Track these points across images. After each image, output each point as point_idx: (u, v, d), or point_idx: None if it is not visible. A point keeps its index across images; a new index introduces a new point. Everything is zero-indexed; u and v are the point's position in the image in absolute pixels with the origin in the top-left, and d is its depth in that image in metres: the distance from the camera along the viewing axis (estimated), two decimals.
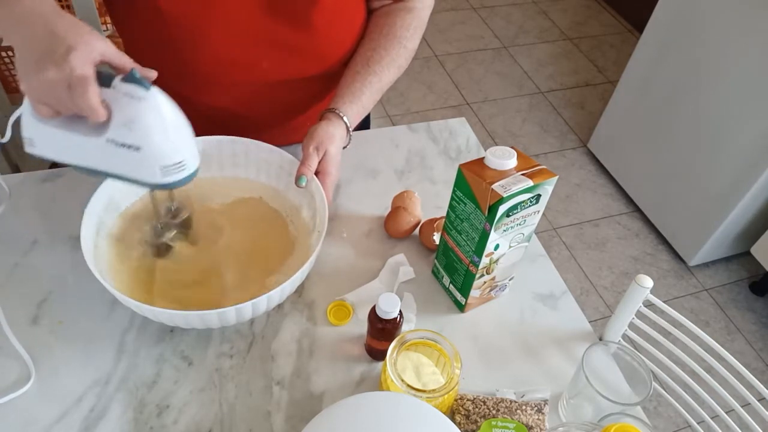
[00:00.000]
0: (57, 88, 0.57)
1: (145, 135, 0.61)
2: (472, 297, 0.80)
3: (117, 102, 0.59)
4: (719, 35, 1.76)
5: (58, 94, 0.58)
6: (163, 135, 0.62)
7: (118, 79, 0.59)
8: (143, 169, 0.63)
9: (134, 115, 0.60)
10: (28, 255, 0.83)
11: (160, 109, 0.61)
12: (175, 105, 0.63)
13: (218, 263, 0.80)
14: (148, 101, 0.59)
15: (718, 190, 1.86)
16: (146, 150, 0.61)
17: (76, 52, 0.57)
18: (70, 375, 0.72)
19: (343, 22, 0.87)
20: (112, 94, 0.59)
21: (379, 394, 0.64)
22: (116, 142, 0.61)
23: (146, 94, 0.59)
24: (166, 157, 0.63)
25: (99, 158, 0.64)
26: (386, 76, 0.88)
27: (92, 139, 0.62)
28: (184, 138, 0.65)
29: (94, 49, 0.58)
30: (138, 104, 0.59)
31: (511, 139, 2.46)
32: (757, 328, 1.94)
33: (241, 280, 0.78)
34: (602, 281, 2.01)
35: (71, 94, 0.57)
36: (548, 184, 0.70)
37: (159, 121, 0.61)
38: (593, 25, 3.10)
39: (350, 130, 0.84)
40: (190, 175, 0.66)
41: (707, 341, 0.80)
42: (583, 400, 0.71)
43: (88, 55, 0.57)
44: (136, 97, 0.59)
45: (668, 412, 1.69)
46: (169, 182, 0.64)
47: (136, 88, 0.59)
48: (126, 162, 0.62)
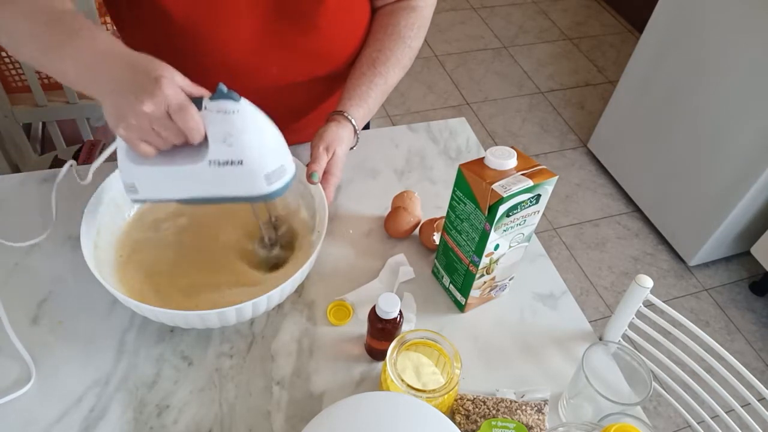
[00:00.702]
0: (156, 119, 0.57)
1: (245, 146, 0.61)
2: (472, 297, 0.80)
3: (211, 121, 0.59)
4: (719, 35, 1.76)
5: (157, 126, 0.58)
6: (261, 143, 0.62)
7: (207, 98, 0.59)
8: (249, 182, 0.63)
9: (230, 129, 0.59)
10: (28, 255, 0.83)
11: (253, 118, 0.61)
12: (263, 113, 0.63)
13: (218, 263, 0.80)
14: (240, 113, 0.59)
15: (718, 190, 1.86)
16: (249, 161, 0.61)
17: (166, 80, 0.57)
18: (70, 375, 0.72)
19: (349, 22, 0.87)
20: (205, 114, 0.59)
21: (379, 394, 0.64)
22: (219, 162, 0.61)
23: (237, 106, 0.59)
24: (268, 164, 0.62)
25: (204, 185, 0.63)
26: (392, 77, 0.88)
27: (195, 167, 0.62)
28: (279, 142, 0.65)
29: (176, 77, 0.59)
30: (232, 117, 0.59)
31: (511, 139, 2.46)
32: (757, 328, 1.94)
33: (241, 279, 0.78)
34: (602, 281, 2.01)
35: (172, 122, 0.57)
36: (548, 184, 0.70)
37: (255, 129, 0.61)
38: (593, 25, 3.10)
39: (357, 132, 0.85)
40: (291, 179, 0.66)
41: (707, 341, 0.80)
42: (583, 400, 0.71)
43: (174, 81, 0.58)
44: (229, 111, 0.59)
45: (668, 412, 1.69)
46: (275, 189, 0.64)
47: (227, 103, 0.59)
48: (232, 180, 0.62)
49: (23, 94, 1.58)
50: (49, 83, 1.58)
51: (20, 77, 1.56)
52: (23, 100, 1.58)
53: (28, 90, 1.54)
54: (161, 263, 0.79)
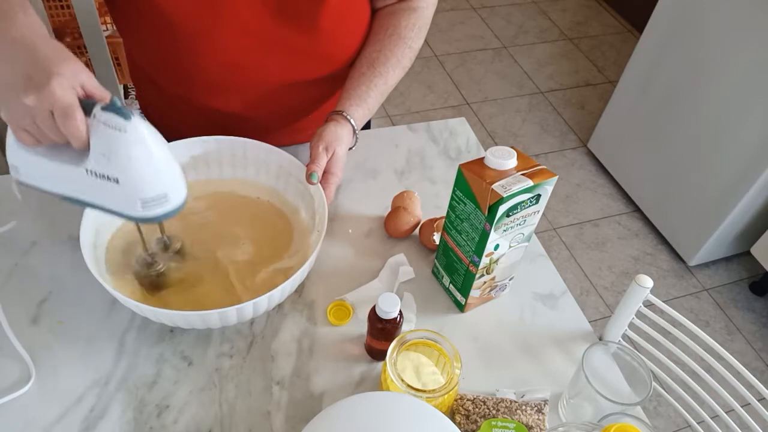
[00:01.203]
0: (38, 114, 0.56)
1: (124, 167, 0.58)
2: (472, 297, 0.80)
3: (97, 131, 0.57)
4: (719, 35, 1.76)
5: (39, 122, 0.56)
6: (143, 167, 0.59)
7: (99, 107, 0.56)
8: (123, 201, 0.61)
9: (113, 146, 0.57)
10: (28, 255, 0.83)
11: (141, 141, 0.58)
12: (158, 136, 0.60)
13: (218, 263, 0.80)
14: (128, 132, 0.56)
15: (718, 190, 1.86)
16: (125, 182, 0.59)
17: (59, 78, 0.55)
18: (70, 375, 0.72)
19: (349, 23, 0.87)
20: (92, 123, 0.57)
21: (379, 394, 0.64)
22: (95, 173, 0.59)
23: (126, 124, 0.56)
24: (147, 190, 0.60)
25: (80, 188, 0.62)
26: (391, 78, 0.88)
27: (73, 169, 0.60)
28: (168, 171, 0.61)
29: (77, 78, 0.57)
30: (117, 135, 0.56)
31: (511, 139, 2.46)
32: (757, 328, 1.94)
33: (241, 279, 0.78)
34: (602, 281, 2.01)
35: (56, 121, 0.55)
36: (548, 184, 0.70)
37: (139, 152, 0.58)
38: (593, 25, 3.10)
39: (356, 132, 0.84)
40: (173, 209, 0.63)
41: (707, 341, 0.80)
42: (583, 400, 0.71)
43: (71, 82, 0.56)
44: (116, 128, 0.56)
45: (668, 412, 1.69)
46: (150, 216, 0.62)
47: (116, 118, 0.56)
48: (106, 193, 0.60)
49: None
50: None
51: None
52: None
53: None
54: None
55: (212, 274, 0.78)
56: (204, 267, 0.79)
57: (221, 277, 0.78)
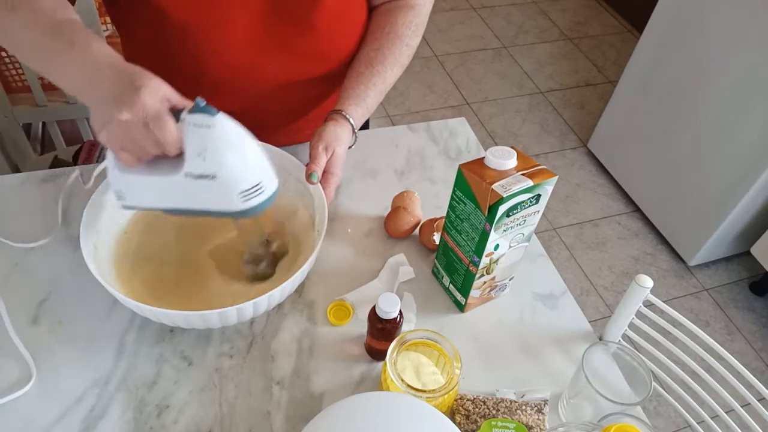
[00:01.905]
0: (134, 128, 0.58)
1: (219, 161, 0.61)
2: (472, 297, 0.80)
3: (187, 134, 0.60)
4: (719, 35, 1.76)
5: (136, 135, 0.59)
6: (236, 159, 0.62)
7: (185, 111, 0.59)
8: (223, 197, 0.63)
9: (205, 143, 0.60)
10: (28, 255, 0.83)
11: (229, 134, 0.61)
12: (243, 129, 0.63)
13: (218, 264, 0.80)
14: (216, 127, 0.60)
15: (718, 190, 1.86)
16: (222, 177, 0.61)
17: (146, 90, 0.58)
18: (70, 375, 0.72)
19: (346, 22, 0.87)
20: (182, 127, 0.60)
21: (379, 394, 0.64)
22: (193, 175, 0.61)
23: (213, 120, 0.59)
24: (243, 181, 0.62)
25: (182, 196, 0.64)
26: (390, 76, 0.88)
27: (172, 178, 0.62)
28: (258, 160, 0.64)
29: (160, 89, 0.60)
30: (207, 132, 0.59)
31: (511, 139, 2.46)
32: (757, 328, 1.94)
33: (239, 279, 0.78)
34: (602, 281, 2.01)
35: (149, 131, 0.58)
36: (548, 184, 0.70)
37: (229, 146, 0.61)
38: (593, 25, 3.10)
39: (355, 131, 0.85)
40: (269, 198, 0.65)
41: (707, 341, 0.80)
42: (583, 400, 0.71)
43: (156, 93, 0.59)
44: (204, 126, 0.59)
45: (668, 412, 1.69)
46: (249, 207, 0.64)
47: (203, 117, 0.59)
48: (206, 194, 0.63)
49: (23, 94, 1.58)
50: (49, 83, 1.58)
51: (20, 77, 1.55)
52: (23, 100, 1.58)
53: (28, 90, 1.54)
54: (161, 264, 0.78)
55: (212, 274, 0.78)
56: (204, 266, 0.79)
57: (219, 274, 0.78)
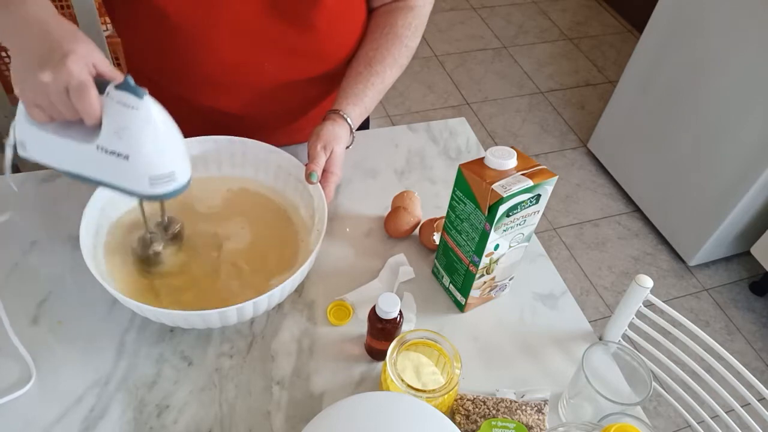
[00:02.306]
0: (53, 91, 0.57)
1: (135, 144, 0.60)
2: (472, 297, 0.80)
3: (109, 109, 0.59)
4: (719, 35, 1.76)
5: (54, 98, 0.58)
6: (153, 145, 0.61)
7: (112, 86, 0.58)
8: (132, 178, 0.62)
9: (125, 123, 0.59)
10: (28, 255, 0.83)
11: (152, 119, 0.60)
12: (168, 116, 0.62)
13: (217, 264, 0.80)
14: (140, 110, 0.59)
15: (718, 190, 1.86)
16: (135, 159, 0.60)
17: (74, 56, 0.57)
18: (70, 375, 0.72)
19: (346, 22, 0.87)
20: (105, 100, 0.59)
21: (379, 394, 0.64)
22: (106, 150, 0.60)
23: (139, 103, 0.58)
24: (155, 167, 0.62)
25: (89, 165, 0.63)
26: (388, 76, 0.88)
27: (83, 146, 0.61)
28: (176, 150, 0.64)
29: (90, 57, 0.59)
30: (129, 112, 0.58)
31: (511, 139, 2.46)
32: (757, 328, 1.94)
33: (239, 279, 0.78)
34: (602, 281, 2.01)
35: (70, 98, 0.57)
36: (548, 184, 0.70)
37: (150, 130, 0.60)
38: (593, 25, 3.10)
39: (353, 131, 0.85)
40: (179, 188, 0.65)
41: (707, 341, 0.80)
42: (583, 400, 0.71)
43: (84, 59, 0.58)
44: (129, 106, 0.58)
45: (668, 412, 1.69)
46: (157, 193, 0.63)
47: (129, 96, 0.58)
48: (115, 170, 0.62)
49: None
50: None
51: None
52: None
53: None
54: (161, 263, 0.78)
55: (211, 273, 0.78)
56: (202, 265, 0.79)
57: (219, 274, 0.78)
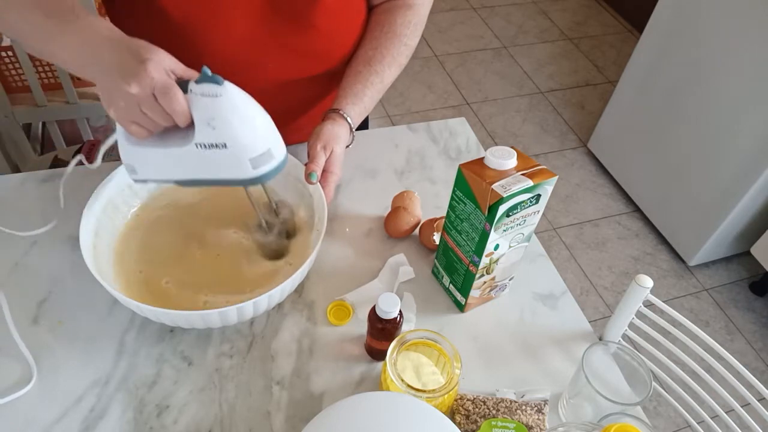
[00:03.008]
0: (143, 101, 0.59)
1: (228, 129, 0.61)
2: (472, 297, 0.80)
3: (196, 104, 0.60)
4: (719, 35, 1.76)
5: (145, 107, 0.59)
6: (245, 126, 0.62)
7: (192, 82, 0.60)
8: (234, 165, 0.64)
9: (214, 113, 0.60)
10: (28, 255, 0.83)
11: (237, 102, 0.61)
12: (250, 96, 0.63)
13: (217, 264, 0.80)
14: (224, 96, 0.60)
15: (718, 190, 1.86)
16: (233, 145, 0.62)
17: (152, 63, 0.58)
18: (70, 375, 0.72)
19: (345, 21, 0.87)
20: (190, 97, 0.60)
21: (379, 394, 0.64)
22: (204, 145, 0.62)
23: (220, 89, 0.60)
24: (253, 148, 0.63)
25: (194, 167, 0.65)
26: (388, 76, 0.88)
27: (183, 149, 0.63)
28: (266, 127, 0.65)
29: (165, 60, 0.60)
30: (215, 101, 0.60)
31: (511, 139, 2.46)
32: (757, 328, 1.94)
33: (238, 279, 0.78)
34: (602, 281, 2.01)
35: (158, 103, 0.58)
36: (548, 184, 0.70)
37: (238, 113, 0.62)
38: (593, 25, 3.10)
39: (353, 130, 0.85)
40: (279, 165, 0.66)
41: (707, 341, 0.80)
42: (583, 400, 0.71)
43: (162, 64, 0.59)
44: (212, 95, 0.60)
45: (668, 412, 1.69)
46: (261, 174, 0.65)
47: (210, 86, 0.60)
48: (218, 163, 0.63)
49: (23, 94, 1.58)
50: (49, 83, 1.58)
51: (20, 77, 1.55)
52: (23, 100, 1.58)
53: (28, 90, 1.54)
54: (161, 263, 0.78)
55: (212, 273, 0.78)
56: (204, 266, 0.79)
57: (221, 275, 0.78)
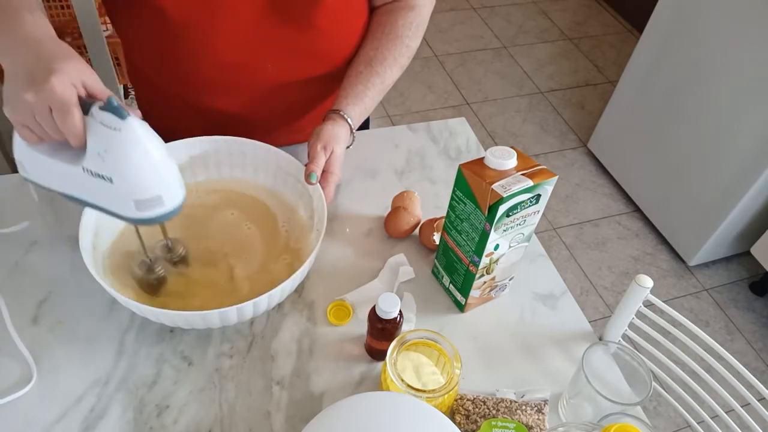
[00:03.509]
0: (37, 111, 0.56)
1: (118, 166, 0.58)
2: (472, 297, 0.80)
3: (92, 130, 0.57)
4: (719, 35, 1.76)
5: (39, 118, 0.57)
6: (137, 168, 0.59)
7: (96, 106, 0.57)
8: (118, 201, 0.61)
9: (107, 145, 0.57)
10: (28, 255, 0.83)
11: (136, 141, 0.58)
12: (155, 137, 0.60)
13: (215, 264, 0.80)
14: (123, 132, 0.57)
15: (718, 190, 1.86)
16: (119, 182, 0.59)
17: (58, 75, 0.55)
18: (70, 375, 0.72)
19: (347, 22, 0.87)
20: (89, 121, 0.57)
21: (379, 394, 0.64)
22: (91, 172, 0.59)
23: (122, 124, 0.56)
24: (140, 191, 0.60)
25: (79, 187, 0.62)
26: (389, 76, 0.88)
27: (72, 167, 0.60)
28: (163, 173, 0.61)
29: (77, 75, 0.57)
30: (112, 134, 0.56)
31: (511, 139, 2.46)
32: (757, 328, 1.94)
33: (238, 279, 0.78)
34: (602, 281, 2.01)
35: (53, 117, 0.56)
36: (548, 184, 0.70)
37: (133, 153, 0.58)
38: (593, 25, 3.10)
39: (354, 131, 0.85)
40: (168, 212, 0.62)
41: (707, 341, 0.80)
42: (583, 400, 0.71)
43: (69, 79, 0.56)
44: (111, 127, 0.56)
45: (668, 412, 1.69)
46: (144, 217, 0.61)
47: (111, 117, 0.56)
48: (102, 193, 0.60)
49: None
50: None
51: None
52: None
53: None
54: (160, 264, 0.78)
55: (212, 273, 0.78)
56: (204, 266, 0.79)
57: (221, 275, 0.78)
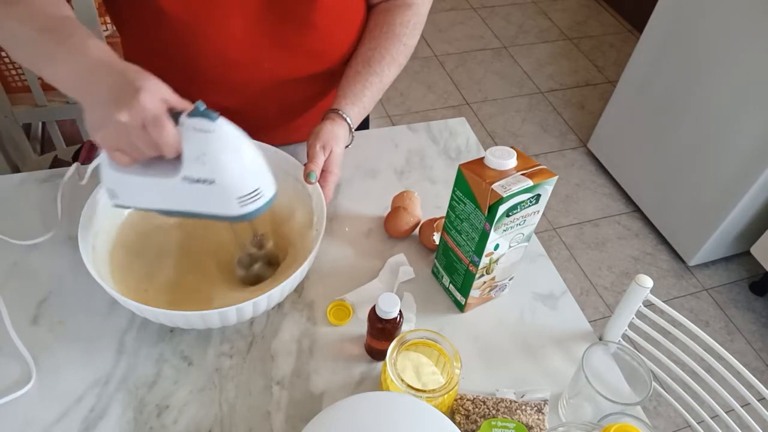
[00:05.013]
0: (132, 131, 0.57)
1: (217, 167, 0.60)
2: (472, 297, 0.80)
3: (186, 138, 0.59)
4: (719, 35, 1.76)
5: (134, 138, 0.58)
6: (235, 165, 0.61)
7: (184, 115, 0.59)
8: (221, 202, 0.63)
9: (204, 148, 0.59)
10: (27, 255, 0.83)
11: (229, 139, 0.60)
12: (243, 133, 0.62)
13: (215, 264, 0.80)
14: (216, 132, 0.59)
15: (718, 190, 1.86)
16: (220, 182, 0.61)
17: (145, 92, 0.57)
18: (70, 375, 0.72)
19: (344, 20, 0.87)
20: (181, 130, 0.59)
21: (379, 394, 0.64)
22: (191, 179, 0.61)
23: (213, 125, 0.59)
24: (241, 187, 0.62)
25: (178, 199, 0.64)
26: (387, 76, 0.88)
27: (169, 181, 0.62)
28: (257, 165, 0.64)
29: (159, 90, 0.59)
30: (207, 137, 0.59)
31: (511, 139, 2.46)
32: (756, 328, 1.94)
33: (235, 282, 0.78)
34: (602, 281, 2.01)
35: (147, 134, 0.57)
36: (548, 184, 0.70)
37: (229, 151, 0.61)
38: (593, 25, 3.10)
39: (353, 130, 0.85)
40: (267, 203, 0.65)
41: (707, 341, 0.80)
42: (583, 400, 0.71)
43: (155, 94, 0.58)
44: (204, 130, 0.59)
45: (668, 412, 1.69)
46: (247, 212, 0.63)
47: (203, 121, 0.58)
48: (204, 198, 0.62)
49: (23, 94, 1.58)
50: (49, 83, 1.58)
51: (20, 77, 1.55)
52: (23, 100, 1.58)
53: (28, 90, 1.54)
54: (160, 264, 0.78)
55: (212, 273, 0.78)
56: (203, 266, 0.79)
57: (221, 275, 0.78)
